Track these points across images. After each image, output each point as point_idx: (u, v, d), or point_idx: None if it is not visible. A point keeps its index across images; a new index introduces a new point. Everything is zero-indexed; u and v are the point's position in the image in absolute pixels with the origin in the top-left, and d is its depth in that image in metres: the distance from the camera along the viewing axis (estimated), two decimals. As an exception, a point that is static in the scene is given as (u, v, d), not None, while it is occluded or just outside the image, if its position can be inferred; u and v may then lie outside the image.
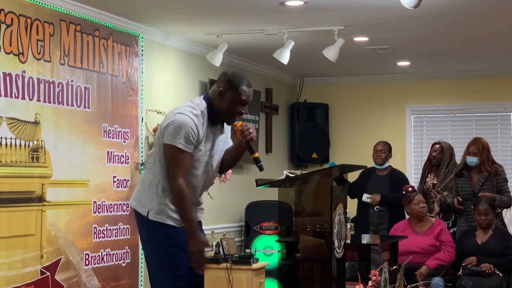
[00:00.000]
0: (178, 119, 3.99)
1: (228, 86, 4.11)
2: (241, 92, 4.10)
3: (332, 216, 4.87)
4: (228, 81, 4.12)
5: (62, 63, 5.35)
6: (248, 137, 4.23)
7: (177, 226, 4.06)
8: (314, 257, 5.03)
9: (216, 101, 4.14)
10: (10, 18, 4.88)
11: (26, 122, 5.00)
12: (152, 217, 4.05)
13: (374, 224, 7.58)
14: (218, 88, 4.13)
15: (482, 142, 7.19)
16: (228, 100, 4.11)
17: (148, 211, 4.06)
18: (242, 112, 4.17)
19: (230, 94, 4.11)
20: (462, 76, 9.21)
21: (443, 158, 7.56)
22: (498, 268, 6.75)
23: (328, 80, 9.64)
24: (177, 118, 4.00)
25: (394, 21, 6.33)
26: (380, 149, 7.69)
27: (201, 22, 6.36)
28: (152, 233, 4.09)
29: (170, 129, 3.98)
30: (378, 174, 7.71)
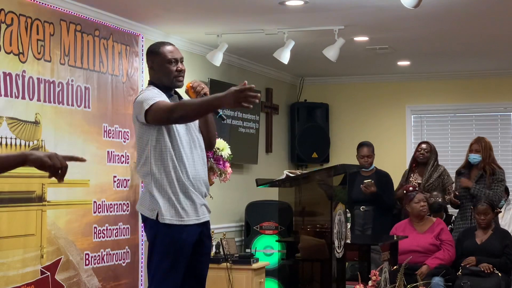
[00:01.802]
0: (140, 95, 4.13)
1: (152, 56, 4.28)
2: (163, 52, 4.23)
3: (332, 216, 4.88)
4: (149, 53, 4.30)
5: (62, 63, 5.35)
6: (202, 92, 4.29)
7: (185, 225, 4.09)
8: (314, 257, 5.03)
9: (154, 77, 4.27)
10: (10, 17, 4.88)
11: (26, 122, 5.00)
12: (161, 219, 4.07)
13: (360, 224, 7.59)
14: (148, 65, 4.30)
15: (485, 140, 7.30)
16: (159, 67, 4.23)
17: (157, 213, 4.08)
18: (178, 69, 4.24)
19: (158, 61, 4.23)
20: (462, 76, 9.21)
21: (431, 157, 7.70)
22: (497, 268, 6.76)
23: (328, 80, 9.64)
24: (140, 95, 4.15)
25: (394, 21, 6.33)
26: (367, 154, 7.72)
27: (201, 22, 6.36)
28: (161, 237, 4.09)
29: (139, 104, 4.07)
30: (363, 175, 7.71)
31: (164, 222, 4.06)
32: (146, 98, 4.07)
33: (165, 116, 3.99)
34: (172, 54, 4.25)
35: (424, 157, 7.69)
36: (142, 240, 6.24)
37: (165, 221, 4.06)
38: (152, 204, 4.09)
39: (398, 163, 8.96)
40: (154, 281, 4.12)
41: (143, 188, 4.29)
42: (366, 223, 7.58)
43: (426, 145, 7.79)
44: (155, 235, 4.11)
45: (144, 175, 4.15)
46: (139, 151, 4.18)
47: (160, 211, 4.07)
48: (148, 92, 4.14)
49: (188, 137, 4.19)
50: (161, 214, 4.07)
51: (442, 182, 7.67)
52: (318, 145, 9.43)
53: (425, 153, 7.69)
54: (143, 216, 4.18)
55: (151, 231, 4.13)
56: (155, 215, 4.08)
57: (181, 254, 4.10)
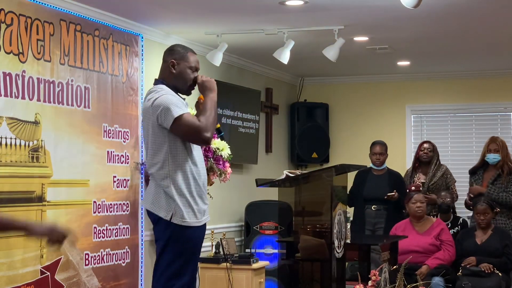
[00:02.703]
0: (162, 99, 4.17)
1: (177, 56, 4.36)
2: (189, 57, 4.37)
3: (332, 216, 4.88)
4: (174, 52, 4.38)
5: (62, 63, 5.35)
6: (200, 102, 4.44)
7: (200, 225, 4.24)
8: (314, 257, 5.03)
9: (169, 77, 4.36)
10: (10, 17, 4.88)
11: (26, 122, 5.00)
12: (176, 220, 4.17)
13: (371, 223, 7.58)
14: (169, 61, 4.35)
15: (501, 140, 7.38)
16: (180, 70, 4.35)
17: (172, 215, 4.17)
18: (194, 78, 4.38)
19: (182, 64, 4.35)
20: (462, 76, 9.21)
21: (434, 157, 7.75)
22: (498, 268, 6.76)
23: (328, 80, 9.64)
24: (160, 99, 4.18)
25: (394, 21, 6.33)
26: (379, 152, 7.71)
27: (201, 22, 6.36)
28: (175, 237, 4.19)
29: (164, 109, 4.14)
30: (375, 174, 7.71)
31: (181, 224, 4.17)
32: (171, 104, 4.16)
33: (199, 137, 4.18)
34: (196, 63, 4.40)
35: (428, 156, 7.73)
36: (142, 240, 6.25)
37: (184, 223, 4.18)
38: (169, 205, 4.18)
39: (398, 163, 8.95)
40: (163, 278, 4.18)
41: (151, 188, 4.30)
42: (377, 223, 7.57)
43: (428, 144, 7.82)
44: (170, 235, 4.18)
45: (163, 178, 4.21)
46: (152, 152, 4.24)
47: (178, 213, 4.17)
48: (170, 97, 4.21)
49: None
50: (179, 215, 4.17)
51: (446, 181, 7.69)
52: (318, 145, 9.43)
53: (428, 152, 7.73)
54: (155, 216, 4.23)
55: (166, 232, 4.20)
56: (170, 216, 4.16)
57: (195, 253, 4.25)
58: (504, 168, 7.23)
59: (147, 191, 4.34)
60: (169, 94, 4.23)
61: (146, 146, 4.34)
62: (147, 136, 4.29)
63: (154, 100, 4.20)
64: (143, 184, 6.28)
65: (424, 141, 7.94)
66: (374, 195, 7.54)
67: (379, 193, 7.54)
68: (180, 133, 4.17)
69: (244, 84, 8.24)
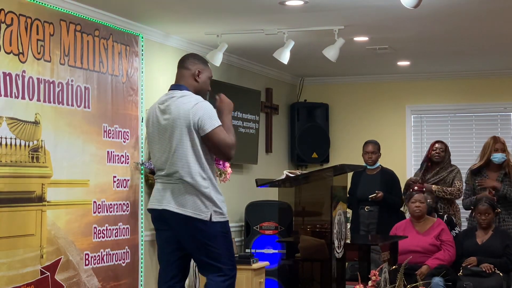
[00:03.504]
0: (206, 105, 4.41)
1: (203, 66, 4.59)
2: (210, 69, 4.65)
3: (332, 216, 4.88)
4: (203, 61, 4.62)
5: (62, 63, 5.35)
6: None
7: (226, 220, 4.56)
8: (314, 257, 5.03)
9: (194, 85, 4.57)
10: (10, 18, 4.88)
11: (26, 122, 5.00)
12: (220, 218, 4.49)
13: (365, 224, 7.59)
14: (195, 69, 4.56)
15: (503, 139, 7.34)
16: (204, 78, 4.58)
17: (210, 215, 4.43)
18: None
19: (206, 74, 4.60)
20: (462, 76, 9.21)
21: (446, 156, 7.78)
22: (498, 268, 6.76)
23: (328, 80, 9.64)
24: (204, 104, 4.41)
25: (394, 21, 6.33)
26: (371, 150, 7.70)
27: (201, 22, 6.36)
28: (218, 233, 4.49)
29: (206, 115, 4.37)
30: (368, 173, 7.71)
31: (222, 220, 4.49)
32: (213, 113, 4.41)
33: (228, 152, 4.44)
34: (211, 74, 4.68)
35: (440, 156, 7.71)
36: (142, 240, 6.25)
37: (223, 219, 4.51)
38: (209, 206, 4.43)
39: (398, 163, 8.96)
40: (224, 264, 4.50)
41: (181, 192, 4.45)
42: (371, 223, 7.58)
43: (440, 144, 7.79)
44: (216, 233, 4.47)
45: (202, 179, 4.42)
46: (182, 155, 4.40)
47: (218, 211, 4.46)
48: (211, 107, 4.42)
49: None
50: (219, 213, 4.46)
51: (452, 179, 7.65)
52: (318, 145, 9.43)
53: (441, 152, 7.72)
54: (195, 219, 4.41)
55: (210, 231, 4.46)
56: (209, 216, 4.43)
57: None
58: (507, 167, 7.24)
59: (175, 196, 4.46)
60: (207, 103, 4.43)
61: (164, 148, 4.48)
62: (171, 138, 4.44)
63: (196, 104, 4.40)
64: (143, 184, 6.28)
65: (436, 141, 7.87)
66: (366, 195, 7.55)
67: (371, 193, 7.52)
68: (212, 143, 4.39)
69: (244, 84, 8.24)
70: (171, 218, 4.48)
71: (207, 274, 4.56)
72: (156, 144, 4.57)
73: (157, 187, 4.59)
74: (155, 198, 4.59)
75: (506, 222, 7.21)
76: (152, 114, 4.63)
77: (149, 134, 4.66)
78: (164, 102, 4.55)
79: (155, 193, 4.59)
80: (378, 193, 7.46)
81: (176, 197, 4.44)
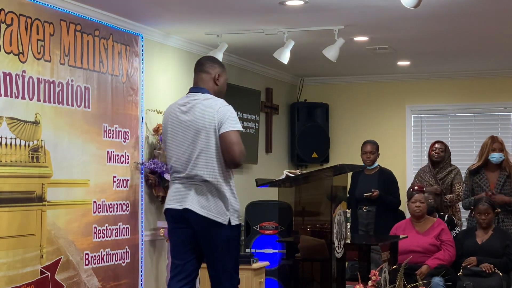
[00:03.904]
0: (231, 109, 4.48)
1: (222, 68, 4.65)
2: (226, 71, 4.69)
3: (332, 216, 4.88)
4: (221, 64, 4.66)
5: (62, 63, 5.35)
6: None
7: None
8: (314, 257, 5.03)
9: (215, 89, 4.62)
10: (10, 17, 4.88)
11: (26, 122, 5.00)
12: (233, 222, 4.49)
13: (363, 224, 7.59)
14: (215, 73, 4.60)
15: (501, 139, 7.33)
16: (223, 81, 4.65)
17: (229, 219, 4.45)
18: None
19: (224, 77, 4.65)
20: (462, 76, 9.21)
21: (445, 156, 7.81)
22: (498, 268, 6.75)
23: (328, 80, 9.64)
24: (229, 108, 4.48)
25: (394, 21, 6.33)
26: (370, 150, 7.70)
27: (201, 22, 6.36)
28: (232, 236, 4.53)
29: (231, 118, 4.44)
30: (367, 173, 7.71)
31: (238, 224, 4.54)
32: (237, 119, 4.50)
33: (240, 157, 4.45)
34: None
35: (439, 156, 7.75)
36: (142, 240, 6.25)
37: (239, 222, 4.55)
38: (230, 209, 4.46)
39: (398, 163, 8.96)
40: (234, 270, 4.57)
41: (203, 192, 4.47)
42: (369, 223, 7.58)
43: (440, 144, 7.84)
44: (230, 237, 4.51)
45: (224, 182, 4.46)
46: (207, 157, 4.43)
47: (236, 214, 4.50)
48: (235, 112, 4.51)
49: None
50: (236, 216, 4.51)
51: (452, 182, 7.69)
52: (318, 145, 9.42)
53: (440, 152, 7.76)
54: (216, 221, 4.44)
55: (228, 233, 4.49)
56: (228, 219, 4.46)
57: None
58: (507, 166, 7.24)
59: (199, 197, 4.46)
60: (231, 108, 4.50)
61: (185, 149, 4.49)
62: (194, 140, 4.46)
63: (221, 107, 4.46)
64: (143, 184, 6.28)
65: (436, 141, 7.91)
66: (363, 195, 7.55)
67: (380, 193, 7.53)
68: (226, 143, 4.41)
69: (244, 84, 8.24)
70: (192, 218, 4.47)
71: (217, 275, 4.58)
72: (175, 145, 4.55)
73: (177, 187, 4.54)
74: (174, 198, 4.55)
75: (505, 223, 7.21)
76: (171, 115, 4.61)
77: (168, 135, 4.62)
78: (186, 104, 4.55)
79: (175, 193, 4.55)
80: (374, 191, 7.47)
81: (199, 198, 4.45)
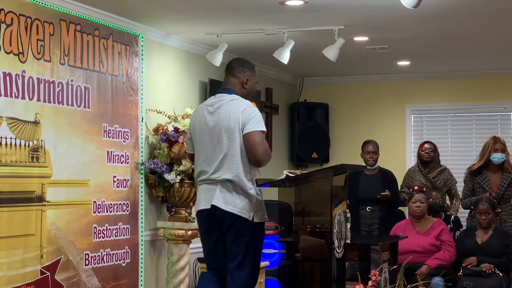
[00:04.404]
0: (256, 110, 4.60)
1: (251, 72, 4.78)
2: (256, 73, 4.82)
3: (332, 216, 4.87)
4: (251, 68, 4.78)
5: (62, 63, 5.35)
6: None
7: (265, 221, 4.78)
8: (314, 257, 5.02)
9: (242, 91, 4.76)
10: (10, 17, 4.88)
11: (26, 122, 5.00)
12: (256, 219, 4.65)
13: (367, 224, 7.58)
14: (243, 78, 4.74)
15: (503, 139, 7.32)
16: (251, 85, 4.78)
17: (252, 215, 4.62)
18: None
19: (253, 80, 4.79)
20: (462, 76, 9.21)
21: (435, 156, 7.82)
22: (498, 268, 6.75)
23: (328, 80, 9.64)
24: (254, 109, 4.60)
25: (394, 21, 6.33)
26: (372, 150, 7.70)
27: (201, 22, 6.36)
28: (256, 234, 4.68)
29: (255, 119, 4.55)
30: (367, 173, 7.70)
31: (263, 221, 4.75)
32: (261, 120, 4.59)
33: (264, 157, 4.59)
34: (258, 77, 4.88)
35: (429, 156, 7.75)
36: (142, 240, 6.24)
37: (264, 220, 4.75)
38: (254, 206, 4.63)
39: (398, 163, 8.96)
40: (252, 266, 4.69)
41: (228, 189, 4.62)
42: (373, 223, 7.57)
43: (429, 144, 7.84)
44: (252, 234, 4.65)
45: (250, 181, 4.63)
46: (232, 157, 4.57)
47: (260, 212, 4.70)
48: (260, 114, 4.63)
49: None
50: (261, 214, 4.72)
51: (446, 182, 7.70)
52: (318, 145, 9.42)
53: (430, 152, 7.76)
54: (240, 217, 4.60)
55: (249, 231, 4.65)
56: (252, 215, 4.64)
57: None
58: (509, 167, 7.23)
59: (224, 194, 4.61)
60: (256, 110, 4.63)
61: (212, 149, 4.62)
62: (219, 140, 4.59)
63: (246, 108, 4.58)
64: (143, 184, 6.28)
65: (425, 141, 7.94)
66: (367, 195, 7.54)
67: (372, 193, 7.52)
68: (253, 143, 4.53)
69: (244, 84, 8.23)
70: (219, 215, 4.61)
71: (233, 270, 4.68)
72: (202, 145, 4.69)
73: (203, 188, 4.70)
74: (203, 199, 4.69)
75: (507, 223, 7.21)
76: (199, 115, 4.73)
77: (195, 135, 4.74)
78: (214, 104, 4.68)
79: (203, 195, 4.70)
80: (387, 191, 7.47)
81: (224, 195, 4.60)
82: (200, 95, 7.38)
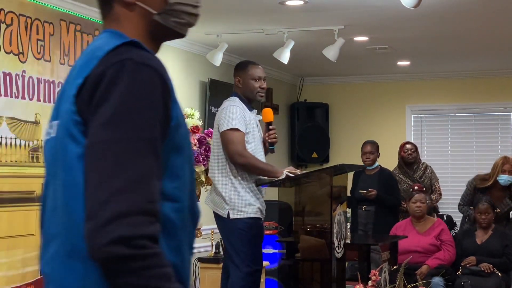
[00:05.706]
0: (229, 109, 4.76)
1: (239, 71, 4.99)
2: (249, 69, 4.95)
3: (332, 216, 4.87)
4: (242, 67, 5.01)
5: (62, 63, 5.35)
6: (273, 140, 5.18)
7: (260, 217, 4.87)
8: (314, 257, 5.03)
9: (239, 90, 4.96)
10: (10, 17, 4.88)
11: (26, 122, 5.00)
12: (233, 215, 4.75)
13: (362, 224, 7.58)
14: (236, 78, 4.99)
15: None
16: (244, 82, 4.94)
17: (227, 212, 4.75)
18: (261, 86, 4.97)
19: (245, 76, 4.93)
20: (462, 76, 9.21)
21: (417, 156, 7.87)
22: (498, 268, 6.75)
23: (328, 80, 9.64)
24: (227, 109, 4.77)
25: (394, 21, 6.33)
26: (369, 150, 7.69)
27: (201, 22, 6.32)
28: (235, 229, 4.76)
29: (226, 119, 4.73)
30: (367, 174, 7.70)
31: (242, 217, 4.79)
32: (235, 115, 4.76)
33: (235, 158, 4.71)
34: (258, 73, 4.99)
35: (412, 157, 7.77)
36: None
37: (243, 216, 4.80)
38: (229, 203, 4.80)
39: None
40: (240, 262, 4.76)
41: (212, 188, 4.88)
42: (368, 223, 7.57)
43: (410, 145, 7.88)
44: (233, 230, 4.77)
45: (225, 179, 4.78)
46: (212, 155, 4.86)
47: (237, 208, 4.77)
48: (238, 110, 4.78)
49: (259, 141, 5.10)
50: (238, 211, 4.79)
51: (430, 180, 7.72)
52: (318, 145, 9.43)
53: (412, 153, 7.78)
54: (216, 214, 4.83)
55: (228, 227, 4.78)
56: (227, 213, 4.79)
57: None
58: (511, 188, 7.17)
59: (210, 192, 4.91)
60: (238, 107, 4.78)
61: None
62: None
63: (224, 107, 4.82)
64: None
65: (405, 142, 7.96)
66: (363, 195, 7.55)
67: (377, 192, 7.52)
68: (223, 142, 4.74)
69: (244, 84, 8.24)
70: None
71: (230, 268, 4.84)
72: None
73: None
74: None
75: None
76: None
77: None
78: None
79: None
80: (371, 190, 7.46)
81: (210, 193, 4.91)
82: (200, 95, 7.39)
